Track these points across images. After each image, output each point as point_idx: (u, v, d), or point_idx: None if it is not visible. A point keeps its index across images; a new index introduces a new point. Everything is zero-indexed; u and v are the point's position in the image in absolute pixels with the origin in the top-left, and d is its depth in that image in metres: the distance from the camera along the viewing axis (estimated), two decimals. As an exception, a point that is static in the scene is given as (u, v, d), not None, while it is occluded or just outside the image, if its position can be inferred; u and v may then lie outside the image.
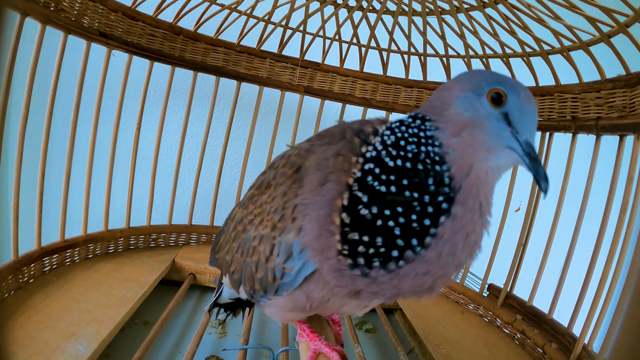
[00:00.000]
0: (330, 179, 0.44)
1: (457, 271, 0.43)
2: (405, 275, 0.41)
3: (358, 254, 0.41)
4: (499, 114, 0.40)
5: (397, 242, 0.39)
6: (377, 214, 0.40)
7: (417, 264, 0.40)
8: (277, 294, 0.52)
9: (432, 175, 0.40)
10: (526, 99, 0.41)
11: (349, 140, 0.46)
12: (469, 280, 1.41)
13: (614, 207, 0.88)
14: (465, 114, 0.41)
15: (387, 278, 0.41)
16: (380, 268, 0.41)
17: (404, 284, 0.42)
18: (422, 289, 0.43)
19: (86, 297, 0.88)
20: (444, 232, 0.40)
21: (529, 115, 0.41)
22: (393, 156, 0.41)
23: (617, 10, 0.77)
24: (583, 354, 0.85)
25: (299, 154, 0.52)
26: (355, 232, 0.41)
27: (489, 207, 0.43)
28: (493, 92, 0.40)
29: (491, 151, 0.40)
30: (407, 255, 0.40)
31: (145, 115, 1.18)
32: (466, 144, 0.40)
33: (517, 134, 0.40)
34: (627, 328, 0.20)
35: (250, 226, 0.55)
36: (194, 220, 1.31)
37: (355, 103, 1.32)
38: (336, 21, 1.21)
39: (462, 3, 1.01)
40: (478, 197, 0.41)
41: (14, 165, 0.86)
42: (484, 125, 0.40)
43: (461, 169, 0.41)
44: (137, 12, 1.06)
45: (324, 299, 0.50)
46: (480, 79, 0.42)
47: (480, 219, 0.42)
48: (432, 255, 0.40)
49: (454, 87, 0.43)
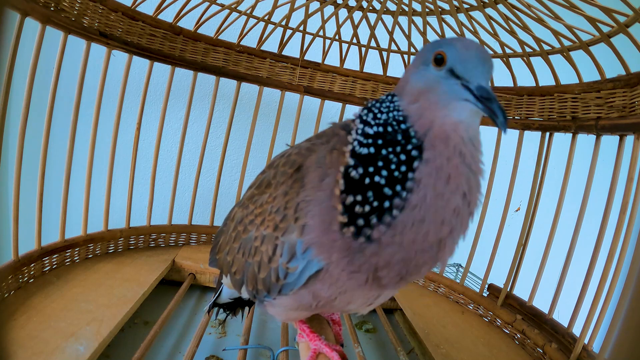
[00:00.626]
0: (328, 173, 0.47)
1: (457, 218, 0.44)
2: (403, 227, 0.43)
3: (357, 216, 0.43)
4: (444, 72, 0.43)
5: (385, 192, 0.43)
6: (364, 172, 0.44)
7: (408, 211, 0.43)
8: (280, 293, 0.52)
9: (399, 132, 0.45)
10: (464, 47, 0.43)
11: (338, 135, 0.50)
12: (469, 280, 1.41)
13: (614, 207, 0.88)
14: (419, 84, 0.45)
15: (389, 236, 0.43)
16: (380, 224, 0.43)
17: (406, 238, 0.43)
18: (430, 243, 0.44)
19: (86, 297, 0.88)
20: (421, 176, 0.43)
21: (472, 60, 0.42)
22: (371, 125, 0.46)
23: (617, 10, 0.77)
24: (583, 354, 0.85)
25: (299, 152, 0.52)
26: (350, 195, 0.44)
27: (475, 163, 0.45)
28: (435, 54, 0.44)
29: (448, 107, 0.43)
30: (397, 203, 0.43)
31: (145, 115, 1.18)
32: (423, 107, 0.44)
33: (467, 82, 0.42)
34: (627, 328, 0.20)
35: (251, 226, 0.55)
36: (194, 220, 1.31)
37: (355, 103, 1.33)
38: (336, 21, 1.21)
39: (462, 3, 1.01)
40: (448, 144, 0.43)
41: (14, 165, 0.86)
42: (435, 88, 0.44)
43: (422, 125, 0.44)
44: (137, 12, 1.07)
45: (331, 298, 0.51)
46: (426, 51, 0.46)
47: (462, 162, 0.43)
48: (418, 199, 0.42)
49: (411, 66, 0.48)
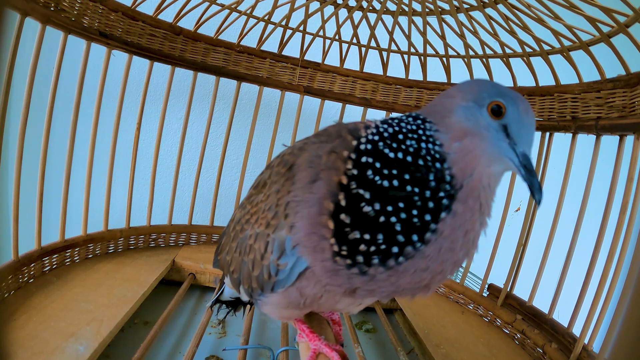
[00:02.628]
0: (321, 176, 0.44)
1: (455, 269, 0.44)
2: (404, 272, 0.41)
3: (358, 253, 0.41)
4: (498, 125, 0.42)
5: (398, 238, 0.40)
6: (380, 210, 0.40)
7: (416, 260, 0.40)
8: (273, 291, 0.52)
9: (432, 172, 0.41)
10: (525, 112, 0.42)
11: (343, 139, 0.47)
12: (469, 280, 1.41)
13: (614, 207, 0.88)
14: (467, 123, 0.42)
15: (385, 275, 0.41)
16: (380, 265, 0.41)
17: (402, 280, 0.42)
18: (420, 286, 0.43)
19: (86, 297, 0.88)
20: (444, 228, 0.40)
21: (527, 127, 0.42)
22: (393, 149, 0.42)
23: (617, 10, 0.77)
24: (583, 354, 0.85)
25: (292, 152, 0.52)
26: (356, 231, 0.40)
27: (489, 209, 0.44)
28: (493, 104, 0.42)
29: (492, 159, 0.42)
30: (407, 251, 0.40)
31: (145, 115, 1.18)
32: (468, 149, 0.42)
33: (514, 145, 0.41)
34: (627, 328, 0.20)
35: (247, 225, 0.56)
36: (194, 220, 1.31)
37: (355, 103, 1.32)
38: (336, 21, 1.21)
39: (462, 3, 1.01)
40: (479, 199, 0.42)
41: (14, 165, 0.86)
42: (484, 135, 0.42)
43: (463, 170, 0.41)
44: (137, 12, 1.06)
45: (317, 296, 0.50)
46: (482, 90, 0.43)
47: (479, 217, 0.43)
48: (431, 251, 0.40)
49: (456, 95, 0.44)
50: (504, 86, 0.44)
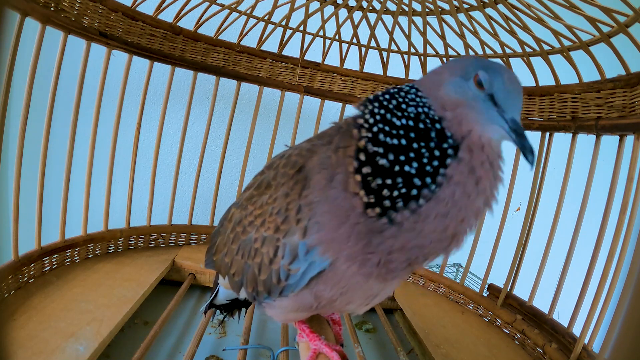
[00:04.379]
0: (337, 172, 0.46)
1: (476, 218, 0.45)
2: (426, 217, 0.43)
3: (383, 198, 0.43)
4: (485, 95, 0.44)
5: (414, 181, 0.43)
6: (394, 160, 0.44)
7: (434, 203, 0.43)
8: (281, 295, 0.52)
9: (432, 130, 0.44)
10: (509, 80, 0.44)
11: (343, 131, 0.49)
12: (469, 280, 1.41)
13: (614, 207, 0.88)
14: (455, 95, 0.45)
15: (411, 222, 0.43)
16: (404, 209, 0.43)
17: (427, 227, 0.43)
18: (446, 236, 0.45)
19: (86, 297, 0.88)
20: (453, 173, 0.43)
21: (513, 94, 0.44)
22: (398, 116, 0.46)
23: (617, 10, 0.77)
24: (583, 354, 0.85)
25: (299, 153, 0.52)
26: (378, 178, 0.44)
27: (497, 162, 0.46)
28: (479, 76, 0.44)
29: (485, 126, 0.44)
30: (424, 193, 0.43)
31: (145, 115, 1.18)
32: (461, 116, 0.45)
33: (503, 112, 0.44)
34: (627, 328, 0.20)
35: (250, 228, 0.55)
36: (194, 220, 1.31)
37: (355, 103, 1.32)
38: (336, 21, 1.21)
39: (462, 3, 1.01)
40: (483, 150, 0.44)
41: (14, 165, 0.86)
42: (474, 105, 0.44)
43: (459, 131, 0.44)
44: (137, 12, 1.06)
45: (333, 298, 0.51)
46: (467, 64, 0.46)
47: (490, 168, 0.44)
48: (446, 194, 0.43)
49: (444, 72, 0.47)
50: (488, 60, 0.47)
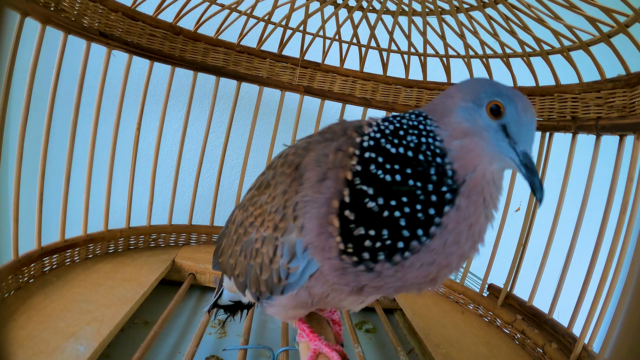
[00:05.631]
0: (328, 175, 0.44)
1: (461, 262, 0.44)
2: (410, 266, 0.41)
3: (363, 250, 0.41)
4: (497, 125, 0.42)
5: (403, 233, 0.40)
6: (384, 205, 0.40)
7: (422, 254, 0.41)
8: (283, 294, 0.52)
9: (433, 166, 0.41)
10: (523, 110, 0.42)
11: (349, 136, 0.47)
12: (469, 280, 1.41)
13: (614, 207, 0.88)
14: (466, 123, 0.42)
15: (392, 271, 0.41)
16: (386, 261, 0.41)
17: (409, 275, 0.42)
18: (426, 280, 0.43)
19: (86, 297, 0.88)
20: (448, 222, 0.40)
21: (527, 126, 0.42)
22: (394, 144, 0.42)
23: (617, 10, 0.77)
24: (583, 354, 0.85)
25: (296, 152, 0.52)
26: (361, 227, 0.41)
27: (494, 202, 0.44)
28: (492, 104, 0.42)
29: (494, 158, 0.42)
30: (413, 245, 0.40)
31: (145, 115, 1.18)
32: (468, 148, 0.42)
33: (514, 144, 0.41)
34: (627, 328, 0.20)
35: (251, 228, 0.55)
36: (194, 220, 1.31)
37: (355, 103, 1.32)
38: (336, 21, 1.21)
39: (462, 3, 1.01)
40: (483, 193, 0.42)
41: (14, 165, 0.86)
42: (484, 136, 0.42)
43: (465, 166, 0.42)
44: (137, 12, 1.06)
45: (324, 295, 0.50)
46: (481, 90, 0.43)
47: (484, 211, 0.43)
48: (437, 245, 0.41)
49: (456, 95, 0.45)
50: (503, 85, 0.44)
